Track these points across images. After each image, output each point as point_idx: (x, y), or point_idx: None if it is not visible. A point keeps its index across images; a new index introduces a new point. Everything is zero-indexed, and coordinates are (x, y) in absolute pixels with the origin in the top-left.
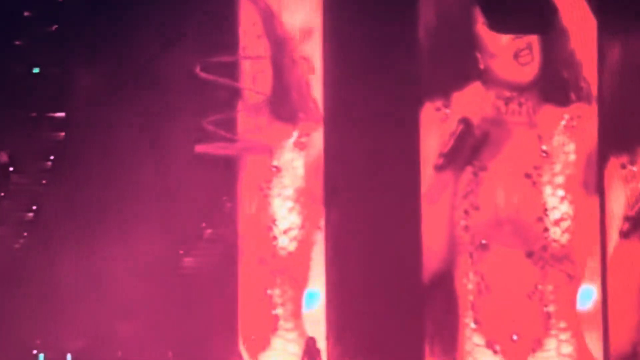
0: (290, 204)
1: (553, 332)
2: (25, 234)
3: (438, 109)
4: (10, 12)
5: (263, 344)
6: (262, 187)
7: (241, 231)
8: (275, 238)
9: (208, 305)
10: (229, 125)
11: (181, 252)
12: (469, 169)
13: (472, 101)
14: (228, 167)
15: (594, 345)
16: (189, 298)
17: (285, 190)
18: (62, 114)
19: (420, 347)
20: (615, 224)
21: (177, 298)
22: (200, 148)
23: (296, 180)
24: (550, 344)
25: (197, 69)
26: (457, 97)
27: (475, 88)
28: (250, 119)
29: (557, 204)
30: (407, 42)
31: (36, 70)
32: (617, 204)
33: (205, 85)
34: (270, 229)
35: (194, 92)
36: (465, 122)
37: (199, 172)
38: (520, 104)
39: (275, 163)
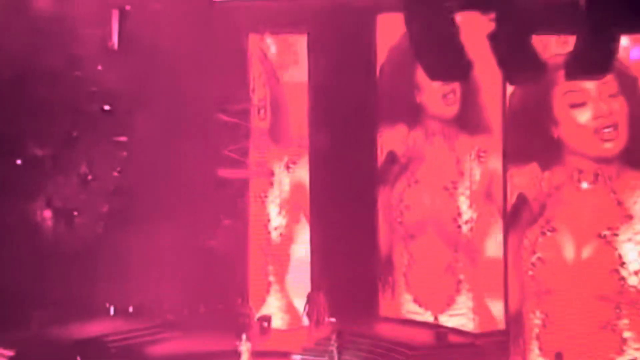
0: (277, 209)
1: None
2: (102, 222)
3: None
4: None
5: (261, 300)
6: (261, 195)
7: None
8: (269, 231)
9: (227, 274)
10: (243, 152)
11: (210, 240)
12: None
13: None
14: (242, 182)
15: None
16: (214, 269)
17: (276, 199)
18: (125, 139)
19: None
20: None
21: (206, 268)
22: (222, 172)
23: (284, 192)
24: None
25: (219, 111)
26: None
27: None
28: (256, 147)
29: None
30: (367, 83)
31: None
32: None
33: (224, 123)
34: (267, 224)
35: (217, 129)
36: (391, 154)
37: (221, 184)
38: (444, 135)
39: (272, 179)
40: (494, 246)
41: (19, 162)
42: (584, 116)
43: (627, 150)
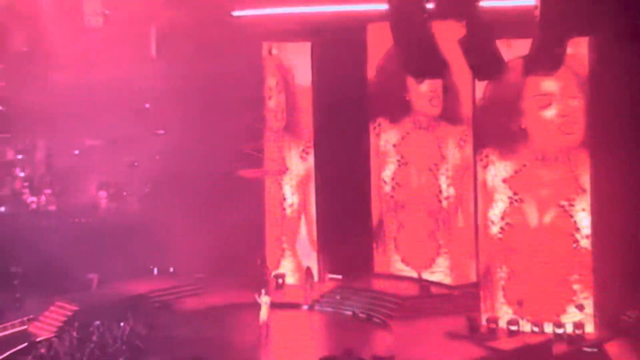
0: (291, 189)
1: None
2: (146, 200)
3: (375, 128)
4: None
5: (277, 262)
6: (279, 179)
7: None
8: (284, 208)
9: (250, 242)
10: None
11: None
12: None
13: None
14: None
15: None
16: (239, 238)
17: (291, 181)
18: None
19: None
20: None
21: (232, 237)
22: (242, 172)
23: (297, 177)
24: None
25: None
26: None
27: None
28: (274, 142)
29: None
30: (361, 82)
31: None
32: None
33: (248, 127)
34: (282, 202)
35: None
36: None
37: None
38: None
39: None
40: (467, 217)
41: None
42: (549, 113)
43: (583, 138)
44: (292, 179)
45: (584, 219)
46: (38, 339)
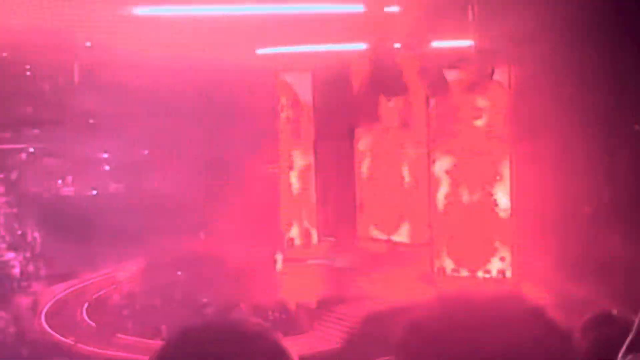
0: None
1: None
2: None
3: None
4: None
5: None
6: (288, 171)
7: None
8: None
9: (267, 213)
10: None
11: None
12: None
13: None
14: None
15: None
16: (258, 211)
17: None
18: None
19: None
20: None
21: (252, 210)
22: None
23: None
24: None
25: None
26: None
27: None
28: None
29: None
30: (346, 101)
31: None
32: None
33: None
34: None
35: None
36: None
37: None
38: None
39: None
40: (422, 197)
41: None
42: (479, 122)
43: (504, 141)
44: (297, 170)
45: (502, 198)
46: None
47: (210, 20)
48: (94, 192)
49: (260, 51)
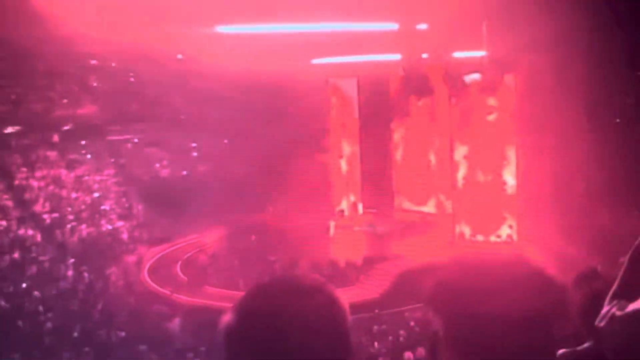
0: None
1: None
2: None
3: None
4: None
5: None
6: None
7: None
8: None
9: (323, 190)
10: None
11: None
12: None
13: None
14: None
15: None
16: (316, 188)
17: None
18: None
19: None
20: None
21: (310, 187)
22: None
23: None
24: None
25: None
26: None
27: None
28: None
29: None
30: (386, 102)
31: None
32: None
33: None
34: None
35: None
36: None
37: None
38: None
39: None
40: (445, 177)
41: None
42: (491, 117)
43: (511, 133)
44: (345, 157)
45: (509, 179)
46: None
47: (275, 36)
48: (185, 174)
49: (315, 61)
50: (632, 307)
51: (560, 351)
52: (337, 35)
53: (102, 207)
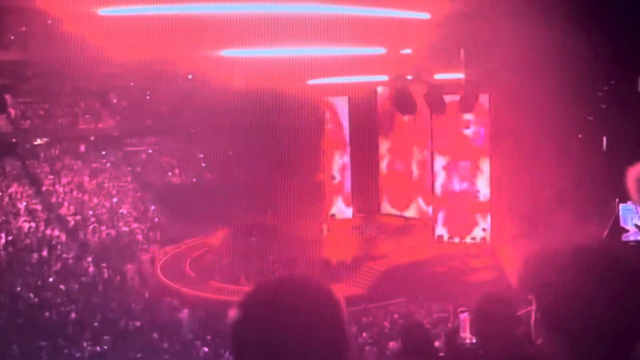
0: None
1: None
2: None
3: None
4: None
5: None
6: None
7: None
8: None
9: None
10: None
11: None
12: None
13: None
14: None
15: None
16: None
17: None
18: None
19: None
20: None
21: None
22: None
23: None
24: None
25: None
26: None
27: None
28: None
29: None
30: (373, 117)
31: None
32: None
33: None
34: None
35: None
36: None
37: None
38: None
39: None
40: (425, 185)
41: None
42: (467, 131)
43: (484, 146)
44: (337, 166)
45: (483, 187)
46: None
47: (275, 59)
48: (194, 181)
49: (310, 82)
50: None
51: None
52: (330, 59)
53: (120, 211)
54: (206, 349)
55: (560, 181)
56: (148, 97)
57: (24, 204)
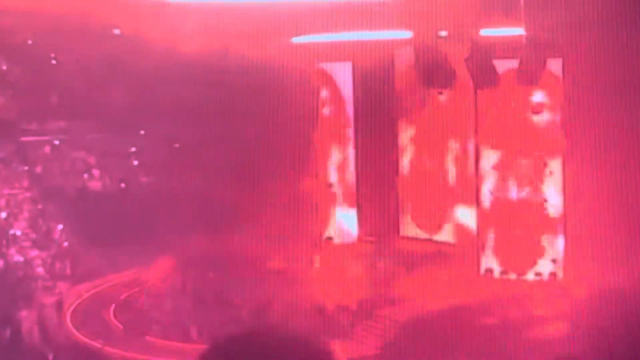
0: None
1: None
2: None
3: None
4: None
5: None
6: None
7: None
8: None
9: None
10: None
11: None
12: None
13: None
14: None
15: None
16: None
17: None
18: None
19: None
20: None
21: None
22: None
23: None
24: None
25: None
26: None
27: None
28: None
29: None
30: (389, 96)
31: None
32: None
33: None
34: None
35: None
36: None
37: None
38: None
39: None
40: (470, 192)
41: None
42: (537, 118)
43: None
44: (336, 165)
45: (553, 195)
46: None
47: (246, 7)
48: (122, 187)
49: (296, 39)
50: None
51: None
52: (327, 4)
53: (12, 232)
54: None
55: None
56: (54, 62)
57: None
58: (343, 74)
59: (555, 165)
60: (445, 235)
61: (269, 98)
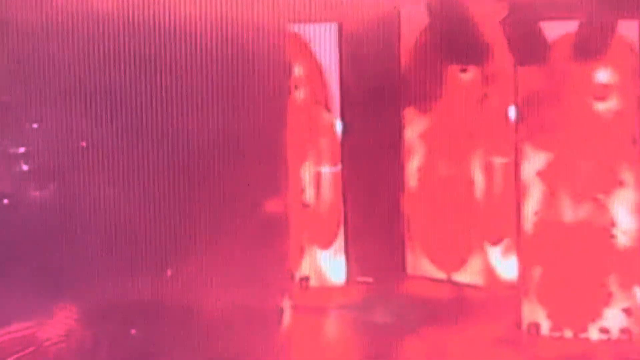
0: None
1: None
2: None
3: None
4: None
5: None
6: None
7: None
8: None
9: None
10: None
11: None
12: None
13: None
14: None
15: None
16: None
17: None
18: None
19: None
20: None
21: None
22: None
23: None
24: None
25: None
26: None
27: None
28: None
29: None
30: (392, 74)
31: None
32: None
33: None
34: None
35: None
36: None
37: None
38: None
39: None
40: (506, 211)
41: None
42: (603, 106)
43: (632, 133)
44: (311, 179)
45: (623, 215)
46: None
47: None
48: (5, 202)
49: None
50: None
51: None
52: None
53: None
54: None
55: None
56: None
57: None
58: (326, 41)
59: (627, 174)
60: (471, 274)
61: (217, 76)
